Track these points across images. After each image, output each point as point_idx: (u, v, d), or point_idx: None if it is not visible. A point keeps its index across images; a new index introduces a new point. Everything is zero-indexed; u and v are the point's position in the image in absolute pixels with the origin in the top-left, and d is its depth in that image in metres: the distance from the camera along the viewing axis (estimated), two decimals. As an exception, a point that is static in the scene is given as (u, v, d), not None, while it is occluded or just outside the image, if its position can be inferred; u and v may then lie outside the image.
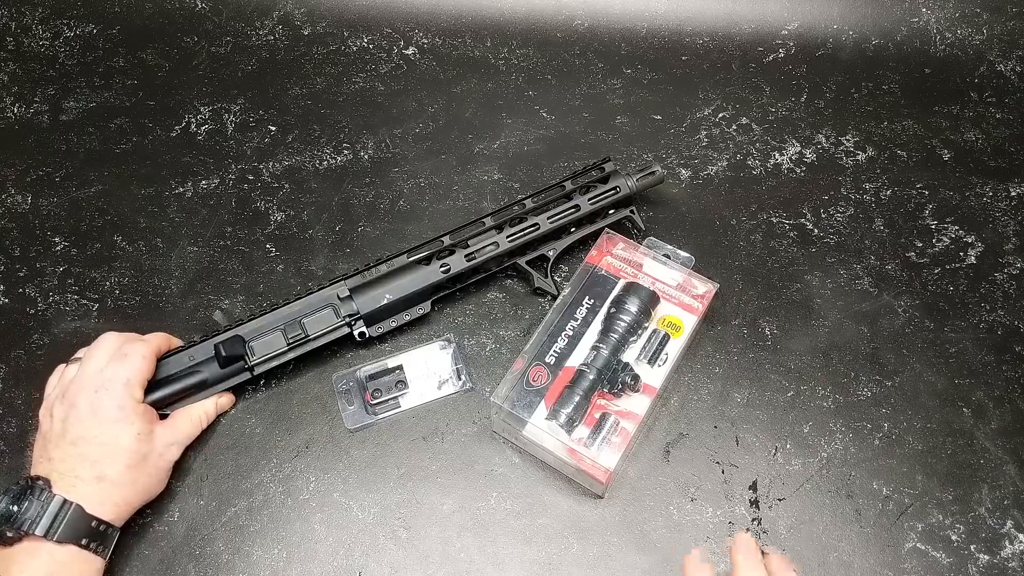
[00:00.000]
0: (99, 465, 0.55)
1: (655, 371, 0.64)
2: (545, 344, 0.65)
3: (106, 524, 0.55)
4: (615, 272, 0.69)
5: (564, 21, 0.93)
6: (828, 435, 0.65)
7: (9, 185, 0.80)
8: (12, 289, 0.73)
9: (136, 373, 0.59)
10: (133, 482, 0.57)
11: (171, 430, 0.61)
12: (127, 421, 0.57)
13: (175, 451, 0.61)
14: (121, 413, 0.57)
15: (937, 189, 0.80)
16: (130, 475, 0.57)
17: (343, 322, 0.66)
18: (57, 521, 0.52)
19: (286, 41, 0.91)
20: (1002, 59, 0.90)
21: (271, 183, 0.80)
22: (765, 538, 0.60)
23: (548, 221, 0.70)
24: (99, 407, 0.57)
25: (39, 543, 0.52)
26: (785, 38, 0.91)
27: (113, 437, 0.56)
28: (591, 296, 0.68)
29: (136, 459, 0.57)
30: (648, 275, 0.69)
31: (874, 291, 0.73)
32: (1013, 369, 0.69)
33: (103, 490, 0.55)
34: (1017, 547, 0.60)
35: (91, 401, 0.57)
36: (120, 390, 0.57)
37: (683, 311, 0.68)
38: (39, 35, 0.92)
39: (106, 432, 0.56)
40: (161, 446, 0.59)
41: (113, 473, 0.56)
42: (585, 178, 0.73)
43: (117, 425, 0.57)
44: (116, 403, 0.57)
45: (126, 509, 0.57)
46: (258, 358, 0.64)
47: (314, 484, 0.63)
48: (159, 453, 0.59)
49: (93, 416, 0.56)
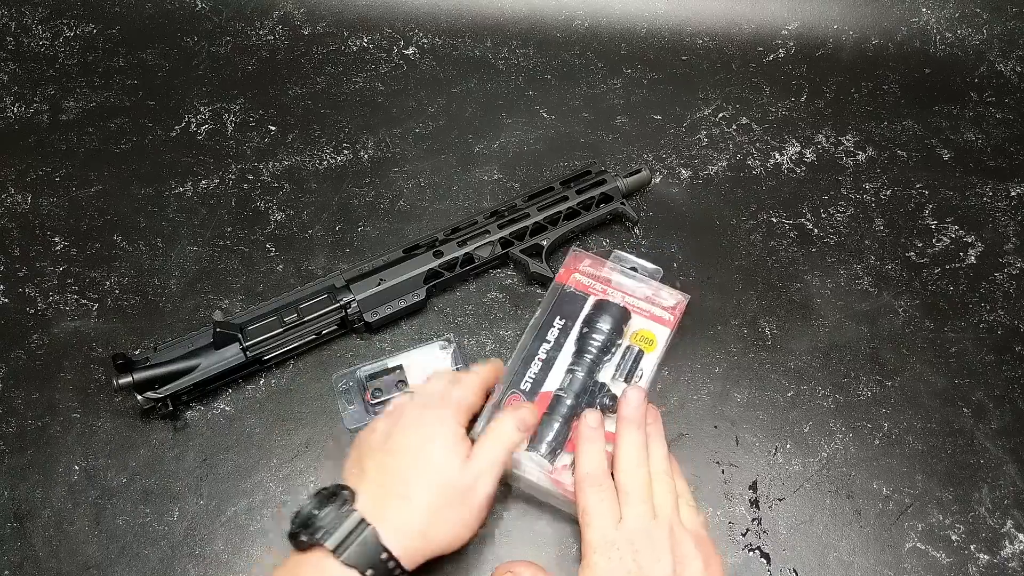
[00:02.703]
0: (408, 483, 0.51)
1: None
2: (519, 371, 0.63)
3: (395, 562, 0.49)
4: (584, 289, 0.68)
5: (564, 21, 0.93)
6: (828, 435, 0.65)
7: (9, 185, 0.80)
8: (12, 289, 0.73)
9: (464, 399, 0.56)
10: (437, 511, 0.51)
11: (475, 459, 0.54)
12: (443, 439, 0.53)
13: (486, 482, 0.53)
14: (441, 429, 0.54)
15: (937, 189, 0.80)
16: (436, 502, 0.51)
17: (338, 305, 0.67)
18: (349, 540, 0.48)
19: (286, 41, 0.91)
20: (1002, 59, 0.90)
21: (271, 183, 0.80)
22: (765, 538, 0.60)
23: (539, 212, 0.72)
24: (424, 422, 0.54)
25: (327, 558, 0.48)
26: (785, 38, 0.91)
27: (428, 455, 0.52)
28: (561, 316, 0.66)
29: (446, 486, 0.52)
30: (617, 290, 0.68)
31: (874, 291, 0.73)
32: (1013, 369, 0.69)
33: (405, 513, 0.50)
34: (1017, 547, 0.60)
35: (417, 415, 0.55)
36: (446, 412, 0.55)
37: (655, 324, 0.67)
38: (39, 35, 0.92)
39: (424, 448, 0.53)
40: (470, 478, 0.53)
41: (420, 495, 0.51)
42: (577, 183, 0.75)
43: (434, 443, 0.53)
44: (439, 420, 0.54)
45: (422, 546, 0.51)
46: (253, 340, 0.65)
47: (314, 484, 0.63)
48: (468, 486, 0.52)
49: (416, 430, 0.54)
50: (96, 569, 0.59)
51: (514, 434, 0.55)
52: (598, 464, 0.55)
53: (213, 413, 0.66)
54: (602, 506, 0.53)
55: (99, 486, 0.62)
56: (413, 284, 0.69)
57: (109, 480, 0.63)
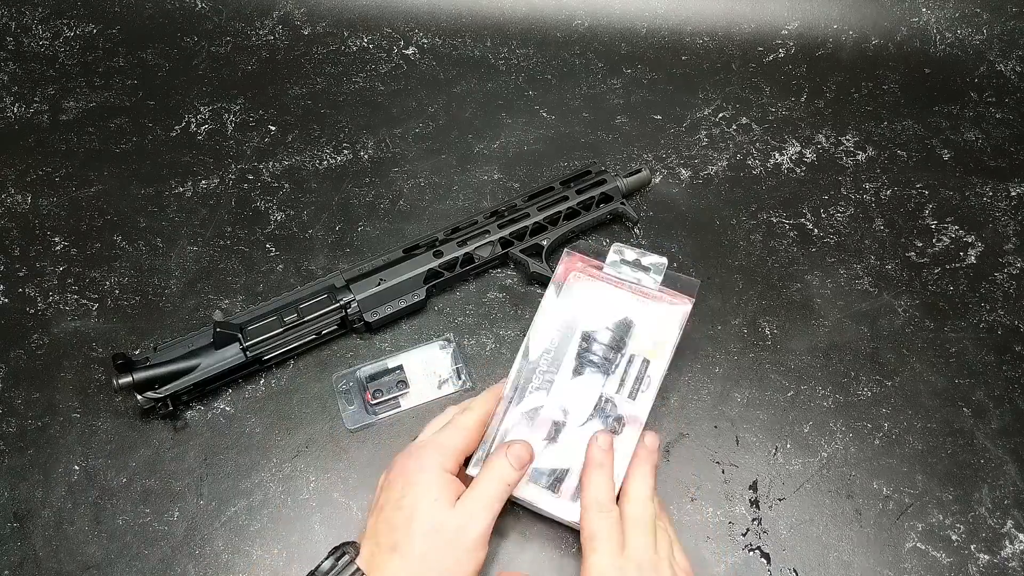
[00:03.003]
0: (395, 533, 0.52)
1: (639, 401, 0.60)
2: (520, 391, 0.60)
3: None
4: (581, 290, 0.63)
5: (564, 21, 0.93)
6: (828, 435, 0.65)
7: (9, 185, 0.80)
8: (12, 289, 0.73)
9: (450, 440, 0.56)
10: (426, 559, 0.51)
11: (468, 498, 0.54)
12: (425, 484, 0.54)
13: (477, 522, 0.53)
14: (421, 475, 0.54)
15: (937, 189, 0.80)
16: (421, 547, 0.51)
17: (338, 305, 0.67)
18: None
19: (286, 41, 0.91)
20: (1002, 59, 0.90)
21: (271, 183, 0.80)
22: (765, 538, 0.60)
23: (539, 212, 0.72)
24: (405, 470, 0.55)
25: None
26: (785, 38, 0.91)
27: (412, 502, 0.53)
28: (558, 325, 0.62)
29: (429, 528, 0.52)
30: (617, 289, 0.63)
31: (874, 291, 0.73)
32: (1013, 369, 0.69)
33: (396, 563, 0.51)
34: (1017, 547, 0.60)
35: (402, 465, 0.56)
36: (428, 455, 0.55)
37: (661, 325, 0.61)
38: (39, 35, 0.92)
39: (406, 496, 0.53)
40: (460, 517, 0.52)
41: (407, 543, 0.51)
42: (577, 183, 0.75)
43: (416, 488, 0.53)
44: (419, 465, 0.55)
45: None
46: (253, 340, 0.65)
47: (314, 484, 0.63)
48: (460, 527, 0.52)
49: (398, 479, 0.55)
50: (96, 569, 0.59)
51: (508, 471, 0.55)
52: (606, 491, 0.55)
53: (213, 413, 0.66)
54: (611, 533, 0.53)
55: (99, 486, 0.62)
56: (413, 284, 0.69)
57: (109, 480, 0.63)
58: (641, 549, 0.53)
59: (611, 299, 0.63)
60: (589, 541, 0.53)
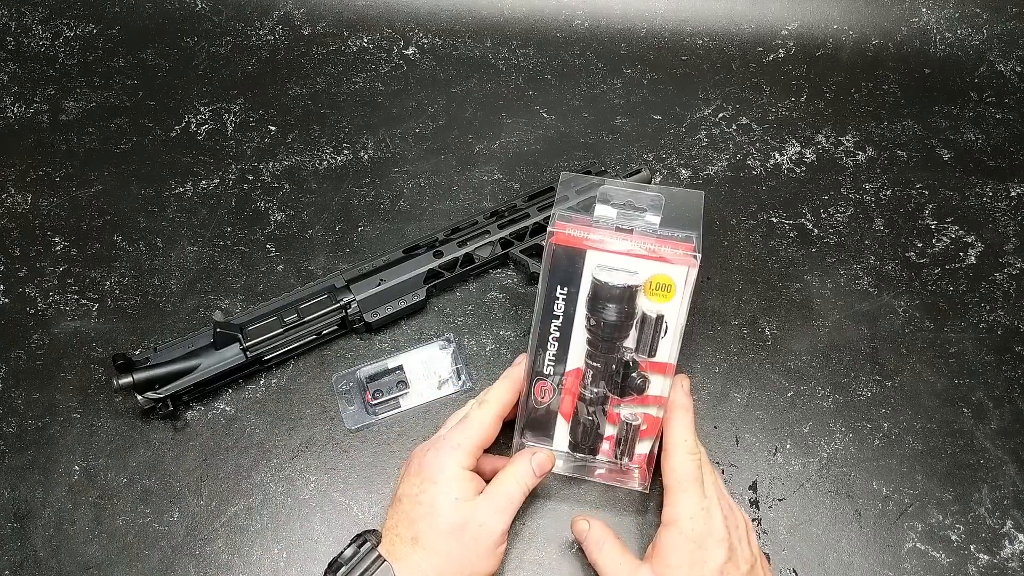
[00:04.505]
0: (415, 526, 0.54)
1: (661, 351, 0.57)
2: (538, 359, 0.59)
3: None
4: (577, 244, 0.57)
5: (564, 21, 0.93)
6: (828, 435, 0.65)
7: (9, 185, 0.80)
8: (12, 289, 0.73)
9: (468, 438, 0.57)
10: (447, 553, 0.53)
11: (489, 497, 0.55)
12: (445, 483, 0.55)
13: (498, 520, 0.55)
14: (441, 475, 0.55)
15: (937, 189, 0.80)
16: (444, 544, 0.53)
17: (339, 305, 0.67)
18: (367, 573, 0.51)
19: (286, 41, 0.91)
20: (1002, 59, 0.90)
21: (271, 183, 0.80)
22: (765, 538, 0.60)
23: (539, 212, 0.72)
24: (424, 466, 0.56)
25: None
26: (785, 38, 0.91)
27: (431, 498, 0.54)
28: (562, 284, 0.57)
29: (450, 526, 0.53)
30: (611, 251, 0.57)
31: (874, 291, 0.73)
32: (1013, 369, 0.69)
33: (417, 556, 0.53)
34: (1017, 547, 0.60)
35: (420, 461, 0.56)
36: (447, 452, 0.56)
37: (669, 266, 0.56)
38: (39, 35, 0.92)
39: (425, 492, 0.55)
40: (482, 515, 0.54)
41: (427, 537, 0.53)
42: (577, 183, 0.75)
43: (435, 487, 0.55)
44: (439, 464, 0.55)
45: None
46: (253, 340, 0.65)
47: (314, 484, 0.63)
48: (479, 523, 0.54)
49: (417, 475, 0.56)
50: (96, 569, 0.59)
51: (530, 477, 0.57)
52: (692, 432, 0.57)
53: (213, 413, 0.66)
54: (698, 474, 0.55)
55: (99, 486, 0.62)
56: (413, 284, 0.69)
57: (109, 480, 0.63)
58: (713, 485, 0.56)
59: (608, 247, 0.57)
60: (680, 482, 0.55)
